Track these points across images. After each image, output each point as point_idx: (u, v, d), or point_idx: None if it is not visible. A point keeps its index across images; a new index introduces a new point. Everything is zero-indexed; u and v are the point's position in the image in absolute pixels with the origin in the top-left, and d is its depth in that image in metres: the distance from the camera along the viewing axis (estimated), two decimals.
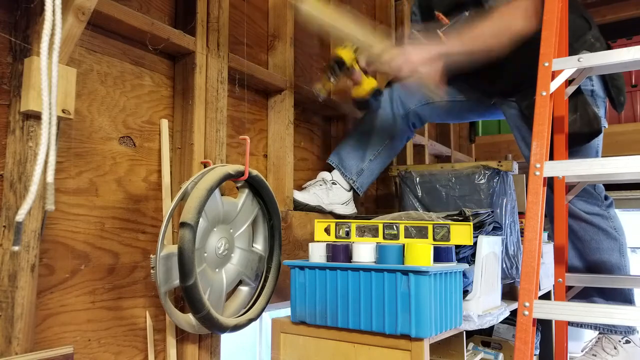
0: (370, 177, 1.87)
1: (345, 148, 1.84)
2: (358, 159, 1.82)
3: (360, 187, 1.84)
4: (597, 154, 1.61)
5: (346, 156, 1.83)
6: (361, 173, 1.83)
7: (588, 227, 1.59)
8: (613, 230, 1.60)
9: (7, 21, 1.01)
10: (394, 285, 1.14)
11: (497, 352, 1.87)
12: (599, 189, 1.62)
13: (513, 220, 1.73)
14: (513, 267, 1.67)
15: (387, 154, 1.88)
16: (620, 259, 1.60)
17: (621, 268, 1.60)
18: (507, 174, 1.74)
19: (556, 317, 1.08)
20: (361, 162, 1.82)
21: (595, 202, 1.60)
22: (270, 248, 1.40)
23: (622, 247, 1.61)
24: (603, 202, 1.62)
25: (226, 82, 1.43)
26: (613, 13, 3.32)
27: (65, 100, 0.96)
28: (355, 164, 1.82)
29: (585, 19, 1.57)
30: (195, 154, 1.31)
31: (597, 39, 1.54)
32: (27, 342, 0.94)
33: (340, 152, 1.85)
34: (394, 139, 1.87)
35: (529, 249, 1.10)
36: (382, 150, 1.84)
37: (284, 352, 1.30)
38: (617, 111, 1.64)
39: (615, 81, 1.59)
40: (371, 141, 1.83)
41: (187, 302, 1.14)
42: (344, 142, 1.86)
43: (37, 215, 0.95)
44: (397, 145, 1.90)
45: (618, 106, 1.60)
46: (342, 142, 1.88)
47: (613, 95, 1.59)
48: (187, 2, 1.37)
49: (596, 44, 1.53)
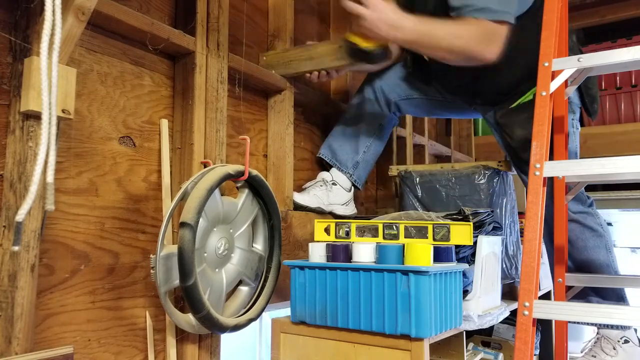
0: (366, 168, 1.88)
1: (336, 141, 1.84)
2: (352, 151, 1.83)
3: (358, 180, 1.85)
4: (576, 155, 1.64)
5: (339, 149, 1.83)
6: (357, 166, 1.83)
7: (574, 226, 1.60)
8: (599, 226, 1.61)
9: (7, 21, 1.01)
10: (394, 285, 1.14)
11: (497, 352, 1.88)
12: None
13: (513, 220, 1.73)
14: (513, 267, 1.67)
15: (379, 144, 1.89)
16: (607, 255, 1.60)
17: (609, 264, 1.60)
18: (507, 174, 1.74)
19: (556, 317, 1.08)
20: (355, 154, 1.83)
21: (579, 201, 1.61)
22: (270, 248, 1.40)
23: (607, 243, 1.62)
24: (586, 200, 1.63)
25: (226, 82, 1.43)
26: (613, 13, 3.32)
27: (65, 100, 0.96)
28: (349, 157, 1.82)
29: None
30: (195, 154, 1.31)
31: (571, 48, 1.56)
32: (27, 342, 0.94)
33: (331, 145, 1.84)
34: (383, 128, 1.89)
35: (528, 249, 1.10)
36: (373, 140, 1.86)
37: (284, 352, 1.30)
38: (591, 118, 1.67)
39: (590, 90, 1.61)
40: (362, 133, 1.84)
41: (187, 302, 1.14)
42: (334, 135, 1.86)
43: (37, 215, 0.95)
44: (386, 133, 1.92)
45: (592, 114, 1.64)
46: (331, 134, 1.88)
47: (587, 104, 1.61)
48: (187, 2, 1.37)
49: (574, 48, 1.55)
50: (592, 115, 1.64)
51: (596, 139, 3.03)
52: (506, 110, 1.61)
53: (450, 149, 2.96)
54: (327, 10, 2.12)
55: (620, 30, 3.22)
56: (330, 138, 1.87)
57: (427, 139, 2.66)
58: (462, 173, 1.72)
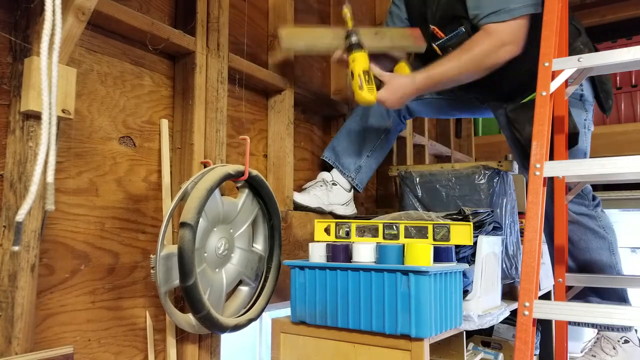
0: (368, 173, 1.88)
1: (340, 144, 1.84)
2: (355, 155, 1.82)
3: (360, 184, 1.84)
4: (585, 155, 1.64)
5: (342, 153, 1.82)
6: (359, 170, 1.83)
7: (576, 228, 1.60)
8: (601, 229, 1.61)
9: (7, 21, 1.01)
10: (394, 285, 1.14)
11: (497, 352, 1.88)
12: (587, 189, 1.64)
13: (513, 220, 1.73)
14: (513, 267, 1.67)
15: (383, 149, 1.89)
16: (610, 257, 1.60)
17: (612, 266, 1.60)
18: (507, 174, 1.74)
19: (556, 317, 1.08)
20: (358, 158, 1.83)
21: (582, 203, 1.61)
22: (270, 248, 1.40)
23: (611, 245, 1.62)
24: (591, 202, 1.63)
25: (226, 82, 1.43)
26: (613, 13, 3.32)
27: (65, 100, 0.96)
28: (352, 161, 1.82)
29: (574, 26, 1.59)
30: (195, 154, 1.31)
31: (586, 44, 1.56)
32: (27, 342, 0.94)
33: (335, 148, 1.84)
34: (389, 133, 1.88)
35: (529, 249, 1.10)
36: (378, 145, 1.86)
37: (284, 352, 1.30)
38: (605, 114, 1.66)
39: (605, 85, 1.61)
40: (367, 137, 1.84)
41: (187, 302, 1.14)
42: (339, 138, 1.86)
43: (37, 215, 0.95)
44: (391, 138, 1.92)
45: (607, 110, 1.63)
46: (336, 137, 1.87)
47: (602, 99, 1.61)
48: (187, 2, 1.37)
49: (585, 50, 1.55)
50: (606, 112, 1.64)
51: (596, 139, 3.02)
52: (518, 104, 1.60)
53: (450, 149, 2.96)
54: (327, 10, 2.12)
55: (620, 30, 3.23)
56: (334, 141, 1.86)
57: (427, 139, 2.66)
58: (462, 173, 1.72)
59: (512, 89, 1.61)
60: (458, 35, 1.53)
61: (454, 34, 1.54)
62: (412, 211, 1.44)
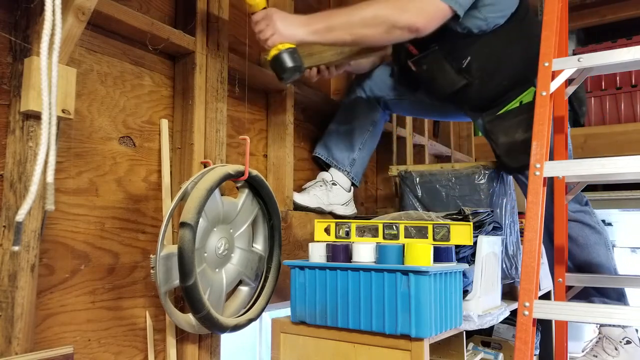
0: (362, 165, 1.92)
1: (331, 140, 1.88)
2: (347, 149, 1.86)
3: (356, 177, 1.88)
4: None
5: (334, 148, 1.86)
6: (353, 163, 1.87)
7: (574, 225, 1.60)
8: (596, 224, 1.62)
9: (7, 21, 1.01)
10: (394, 285, 1.14)
11: (497, 352, 1.87)
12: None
13: (513, 221, 1.73)
14: (513, 267, 1.66)
15: (373, 141, 1.93)
16: (606, 252, 1.62)
17: (609, 260, 1.62)
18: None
19: (556, 317, 1.08)
20: (351, 152, 1.86)
21: (577, 200, 1.62)
22: (270, 248, 1.40)
23: (606, 240, 1.64)
24: (582, 199, 1.63)
25: (226, 82, 1.43)
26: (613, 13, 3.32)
27: (65, 100, 0.96)
28: (346, 155, 1.86)
29: None
30: (195, 154, 1.31)
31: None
32: (27, 342, 0.94)
33: (326, 144, 1.87)
34: (376, 125, 1.93)
35: (529, 249, 1.10)
36: (367, 137, 1.90)
37: (284, 352, 1.30)
38: (579, 121, 1.66)
39: (577, 93, 1.61)
40: (356, 130, 1.88)
41: (187, 302, 1.14)
42: (329, 134, 1.89)
43: (37, 215, 0.95)
44: (379, 130, 1.96)
45: (581, 116, 1.64)
46: (325, 133, 1.91)
47: (575, 106, 1.61)
48: (187, 2, 1.37)
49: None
50: (580, 118, 1.65)
51: (596, 139, 3.04)
52: (493, 116, 1.62)
53: (450, 149, 2.96)
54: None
55: (620, 30, 3.23)
56: (325, 137, 1.89)
57: (427, 139, 2.66)
58: (462, 173, 1.72)
59: (487, 101, 1.61)
60: (432, 53, 1.54)
61: (428, 51, 1.54)
62: (412, 211, 1.44)
